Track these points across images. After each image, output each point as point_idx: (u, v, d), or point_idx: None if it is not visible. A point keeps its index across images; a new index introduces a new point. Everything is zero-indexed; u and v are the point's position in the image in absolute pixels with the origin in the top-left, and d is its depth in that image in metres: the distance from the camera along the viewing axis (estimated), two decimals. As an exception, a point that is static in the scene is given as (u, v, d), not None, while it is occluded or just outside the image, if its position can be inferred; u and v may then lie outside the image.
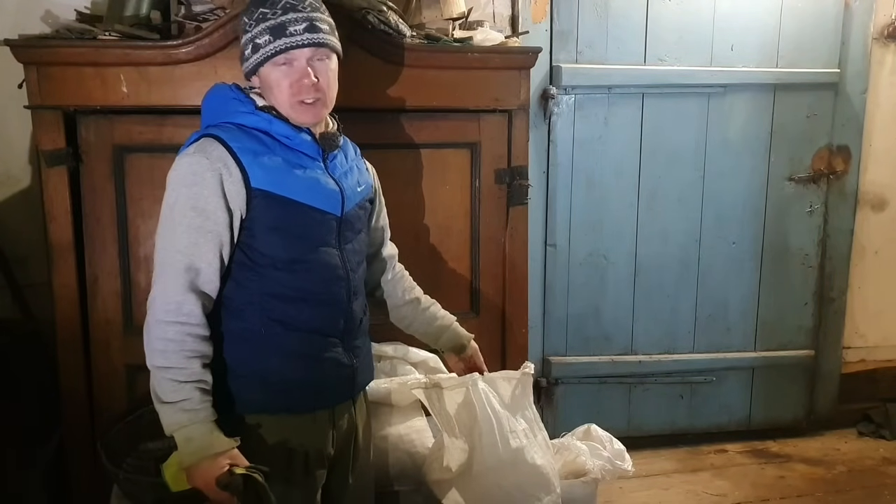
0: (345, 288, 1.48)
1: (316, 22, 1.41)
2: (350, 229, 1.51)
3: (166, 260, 1.35)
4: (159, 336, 1.33)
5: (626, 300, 3.04)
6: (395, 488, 1.88)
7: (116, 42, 1.94)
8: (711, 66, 2.91)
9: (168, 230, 1.36)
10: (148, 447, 1.42)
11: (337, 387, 1.51)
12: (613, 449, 1.99)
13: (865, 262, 3.30)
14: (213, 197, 1.34)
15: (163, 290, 1.34)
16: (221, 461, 1.31)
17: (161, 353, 1.33)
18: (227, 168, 1.35)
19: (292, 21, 1.38)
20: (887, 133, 3.21)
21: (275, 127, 1.42)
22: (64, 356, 2.01)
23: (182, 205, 1.34)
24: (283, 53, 1.39)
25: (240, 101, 1.44)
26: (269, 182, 1.37)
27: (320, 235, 1.44)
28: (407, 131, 2.16)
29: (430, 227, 2.23)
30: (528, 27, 2.69)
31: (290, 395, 1.44)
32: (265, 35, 1.39)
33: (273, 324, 1.41)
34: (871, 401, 3.33)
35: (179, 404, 1.32)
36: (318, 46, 1.41)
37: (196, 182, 1.34)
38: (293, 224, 1.40)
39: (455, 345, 1.79)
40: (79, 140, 1.97)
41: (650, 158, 2.95)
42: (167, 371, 1.32)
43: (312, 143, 1.45)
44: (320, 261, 1.44)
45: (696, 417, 3.17)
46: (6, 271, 2.31)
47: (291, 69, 1.40)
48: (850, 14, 2.98)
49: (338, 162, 1.51)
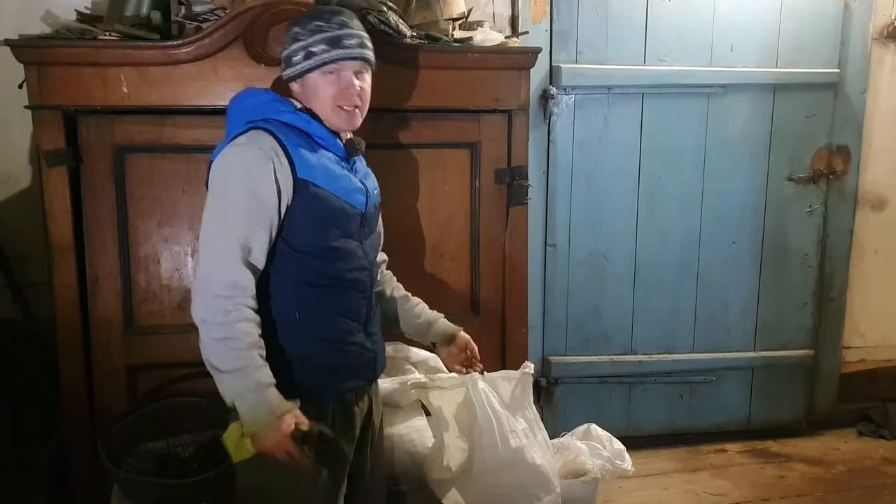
0: (368, 276, 1.60)
1: (365, 41, 1.57)
2: (369, 226, 1.64)
3: (222, 242, 1.43)
4: (218, 309, 1.39)
5: (626, 300, 3.04)
6: (394, 487, 1.89)
7: (117, 42, 1.95)
8: (711, 66, 2.91)
9: (221, 214, 1.45)
10: (148, 447, 1.43)
11: (363, 370, 1.61)
12: (613, 449, 1.99)
13: (865, 262, 3.31)
14: (268, 184, 1.44)
15: (220, 268, 1.42)
16: (288, 420, 1.38)
17: (220, 325, 1.39)
18: (278, 157, 1.45)
19: (346, 36, 1.53)
20: (887, 133, 3.21)
21: (313, 128, 1.54)
22: (64, 356, 2.01)
23: (238, 191, 1.44)
24: (335, 62, 1.52)
25: (280, 102, 1.55)
26: (313, 174, 1.48)
27: (348, 228, 1.56)
28: (407, 131, 2.16)
29: (430, 227, 2.23)
30: (527, 27, 2.69)
31: (324, 378, 1.53)
32: (321, 45, 1.52)
33: (307, 309, 1.51)
34: (870, 401, 3.33)
35: (242, 371, 1.38)
36: (366, 61, 1.57)
37: (252, 170, 1.44)
38: (328, 215, 1.51)
39: (445, 335, 1.83)
40: (79, 140, 1.97)
41: (650, 158, 2.95)
42: (227, 342, 1.39)
43: (342, 146, 1.59)
44: (348, 250, 1.55)
45: (696, 417, 3.17)
46: (6, 271, 2.31)
47: (339, 78, 1.53)
48: (849, 14, 2.98)
49: (358, 166, 1.64)
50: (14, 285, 2.32)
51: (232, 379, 1.39)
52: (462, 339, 1.83)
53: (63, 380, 2.01)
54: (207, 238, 1.45)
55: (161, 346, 2.06)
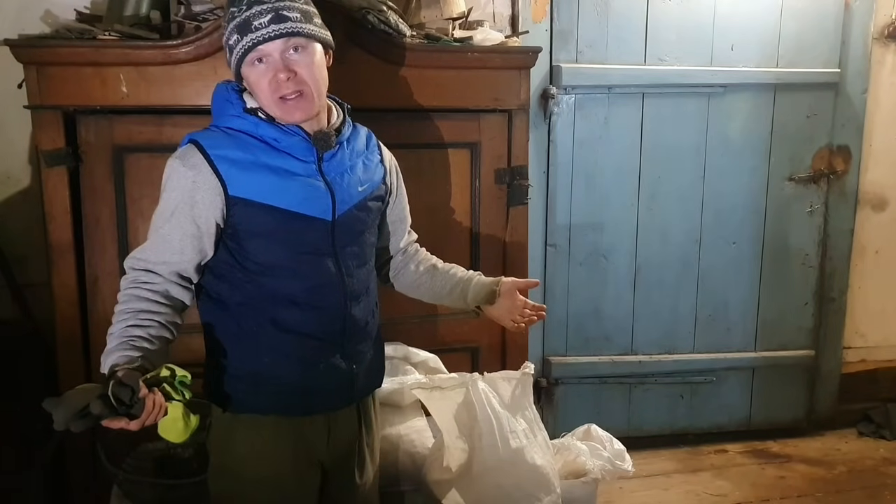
0: (339, 293, 1.43)
1: (282, 11, 1.31)
2: (348, 233, 1.44)
3: (149, 248, 1.36)
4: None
5: (627, 300, 3.04)
6: (391, 489, 1.88)
7: (116, 42, 1.95)
8: (711, 66, 2.91)
9: (155, 218, 1.37)
10: (148, 447, 1.42)
11: (334, 392, 1.47)
12: (613, 449, 1.99)
13: (865, 262, 3.30)
14: (184, 205, 1.33)
15: (126, 267, 1.36)
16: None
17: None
18: (201, 175, 1.33)
19: (256, 15, 1.31)
20: (887, 133, 3.21)
21: (261, 130, 1.37)
22: (64, 356, 2.01)
23: (163, 207, 1.36)
24: (251, 51, 1.32)
25: (231, 103, 1.40)
26: (249, 190, 1.34)
27: (308, 241, 1.39)
28: (407, 131, 2.16)
29: (430, 227, 2.22)
30: (528, 27, 2.69)
31: (282, 397, 1.42)
32: (234, 34, 1.34)
33: (266, 324, 1.39)
34: (871, 401, 3.32)
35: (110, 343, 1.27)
36: (289, 36, 1.32)
37: (173, 188, 1.34)
38: (277, 230, 1.36)
39: (487, 292, 1.62)
40: (78, 140, 1.97)
41: (650, 158, 2.95)
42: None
43: (303, 143, 1.39)
44: (309, 266, 1.40)
45: (696, 417, 3.17)
46: (6, 271, 2.30)
47: (266, 66, 1.33)
48: (850, 14, 2.98)
49: (336, 161, 1.43)
50: (13, 285, 2.31)
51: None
52: (506, 285, 1.60)
53: (63, 380, 2.01)
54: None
55: (161, 346, 2.06)
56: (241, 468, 1.45)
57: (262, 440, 1.43)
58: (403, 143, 2.14)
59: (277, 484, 1.44)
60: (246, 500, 1.47)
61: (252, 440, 1.44)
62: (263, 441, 1.43)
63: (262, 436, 1.43)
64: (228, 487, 1.48)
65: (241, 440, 1.44)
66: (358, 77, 1.98)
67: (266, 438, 1.43)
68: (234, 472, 1.45)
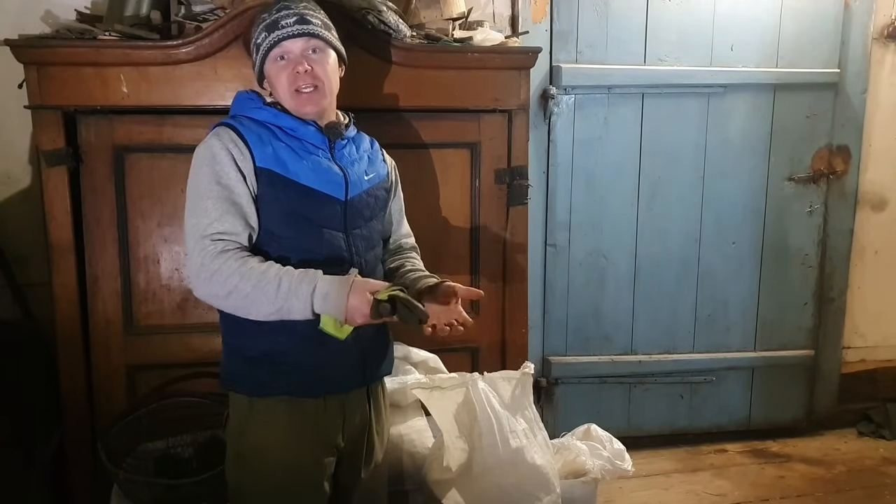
0: (351, 269, 1.48)
1: (306, 16, 1.50)
2: (359, 216, 1.55)
3: (198, 230, 1.40)
4: (222, 283, 1.36)
5: (626, 300, 3.04)
6: (392, 488, 1.88)
7: (116, 42, 1.95)
8: (711, 66, 2.91)
9: (193, 207, 1.43)
10: (147, 447, 1.42)
11: (346, 373, 1.53)
12: (613, 449, 1.99)
13: (865, 262, 3.31)
14: (232, 171, 1.42)
15: (199, 252, 1.39)
16: (361, 295, 1.35)
17: (237, 290, 1.36)
18: (236, 146, 1.44)
19: (284, 17, 1.49)
20: (887, 133, 3.21)
21: (281, 120, 1.50)
22: (64, 356, 2.01)
23: (206, 181, 1.42)
24: (276, 46, 1.48)
25: (252, 99, 1.55)
26: (273, 163, 1.45)
27: (324, 218, 1.49)
28: (407, 131, 2.16)
29: (430, 227, 2.22)
30: (528, 27, 2.69)
31: (297, 378, 1.48)
32: (262, 33, 1.51)
33: None
34: (871, 401, 3.33)
35: (285, 287, 1.35)
36: (309, 37, 1.49)
37: (215, 160, 1.43)
38: (296, 204, 1.46)
39: (424, 285, 1.58)
40: (79, 140, 1.97)
41: (650, 158, 2.95)
42: (255, 290, 1.35)
43: (317, 133, 1.52)
44: (323, 242, 1.48)
45: (696, 417, 3.17)
46: (6, 271, 2.31)
47: (287, 62, 1.49)
48: (849, 14, 2.98)
49: (346, 151, 1.57)
50: (13, 285, 2.31)
51: (287, 300, 1.35)
52: (445, 287, 1.54)
53: (63, 380, 2.01)
54: (187, 233, 1.43)
55: (161, 346, 2.06)
56: (260, 456, 1.48)
57: (280, 427, 1.48)
58: (404, 143, 2.15)
59: (297, 470, 1.49)
60: (266, 487, 1.50)
61: (270, 427, 1.48)
62: (281, 428, 1.48)
63: (280, 423, 1.48)
64: (247, 475, 1.51)
65: (260, 428, 1.48)
66: (358, 77, 1.98)
67: (284, 425, 1.48)
68: (253, 460, 1.49)
